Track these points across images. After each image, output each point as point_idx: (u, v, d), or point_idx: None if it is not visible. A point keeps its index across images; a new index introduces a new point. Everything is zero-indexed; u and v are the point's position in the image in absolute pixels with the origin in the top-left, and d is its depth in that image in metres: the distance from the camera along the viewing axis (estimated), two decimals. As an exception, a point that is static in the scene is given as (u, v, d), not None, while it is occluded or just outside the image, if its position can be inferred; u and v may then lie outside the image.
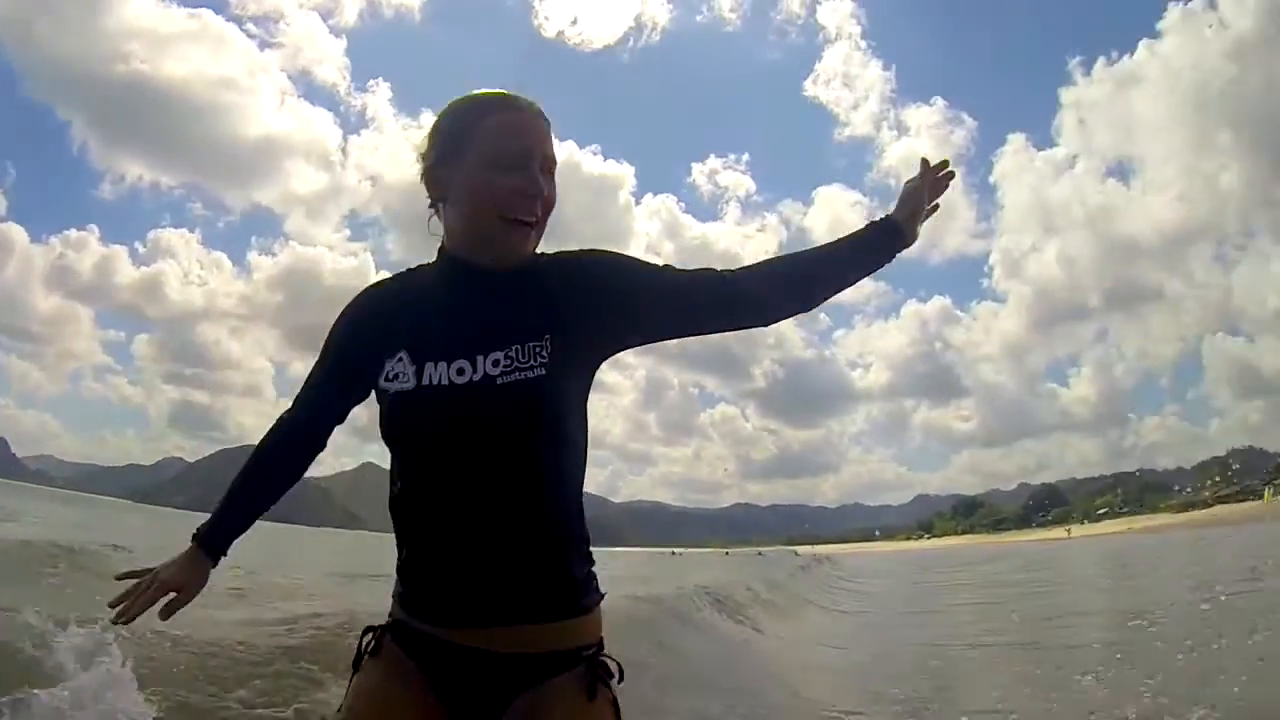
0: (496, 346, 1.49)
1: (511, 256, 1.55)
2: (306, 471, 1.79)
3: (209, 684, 4.36)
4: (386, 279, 1.71)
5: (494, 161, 1.51)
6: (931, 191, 1.79)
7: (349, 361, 1.64)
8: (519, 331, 1.51)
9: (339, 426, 1.77)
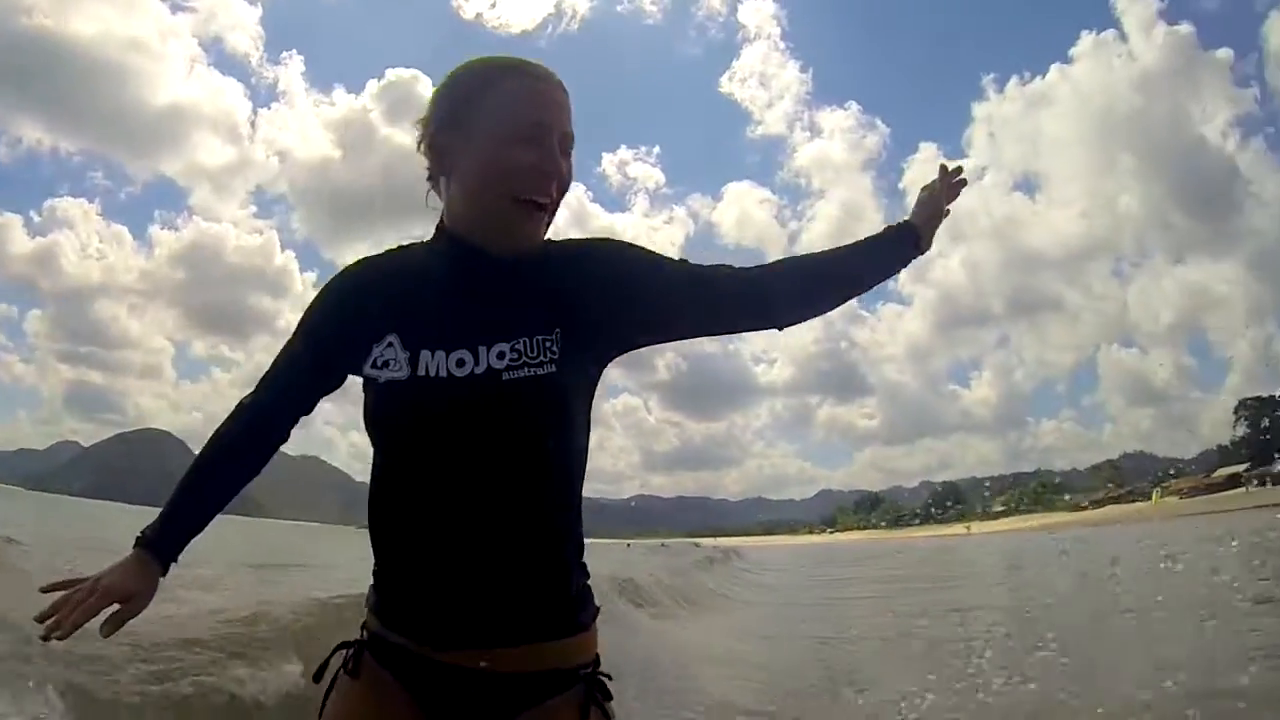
0: (502, 338, 1.37)
1: (521, 243, 1.42)
2: (265, 467, 1.58)
3: (96, 666, 4.07)
4: (374, 256, 1.54)
5: (508, 133, 1.37)
6: (945, 197, 1.75)
7: (327, 344, 1.48)
8: (527, 323, 1.38)
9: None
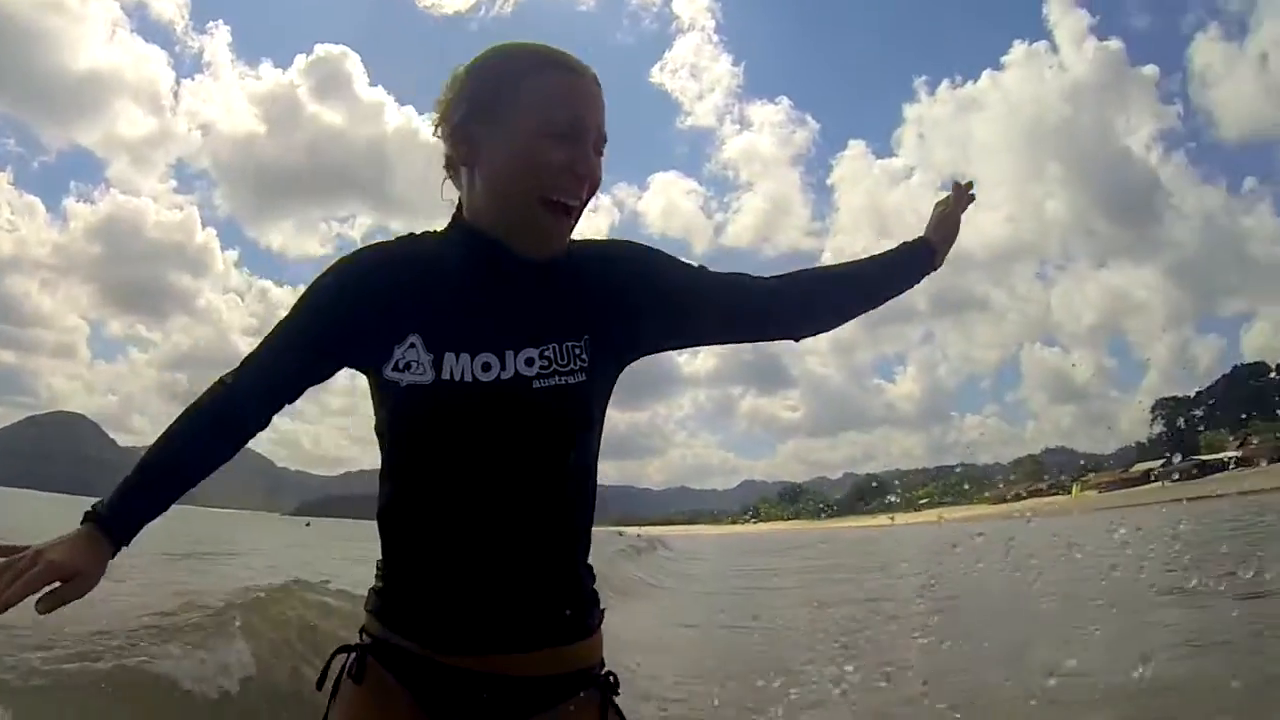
0: (529, 343, 1.35)
1: (546, 246, 1.39)
2: (238, 454, 1.46)
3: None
4: (384, 244, 1.47)
5: (543, 129, 1.33)
6: (959, 213, 1.76)
7: (335, 335, 1.41)
8: (554, 329, 1.37)
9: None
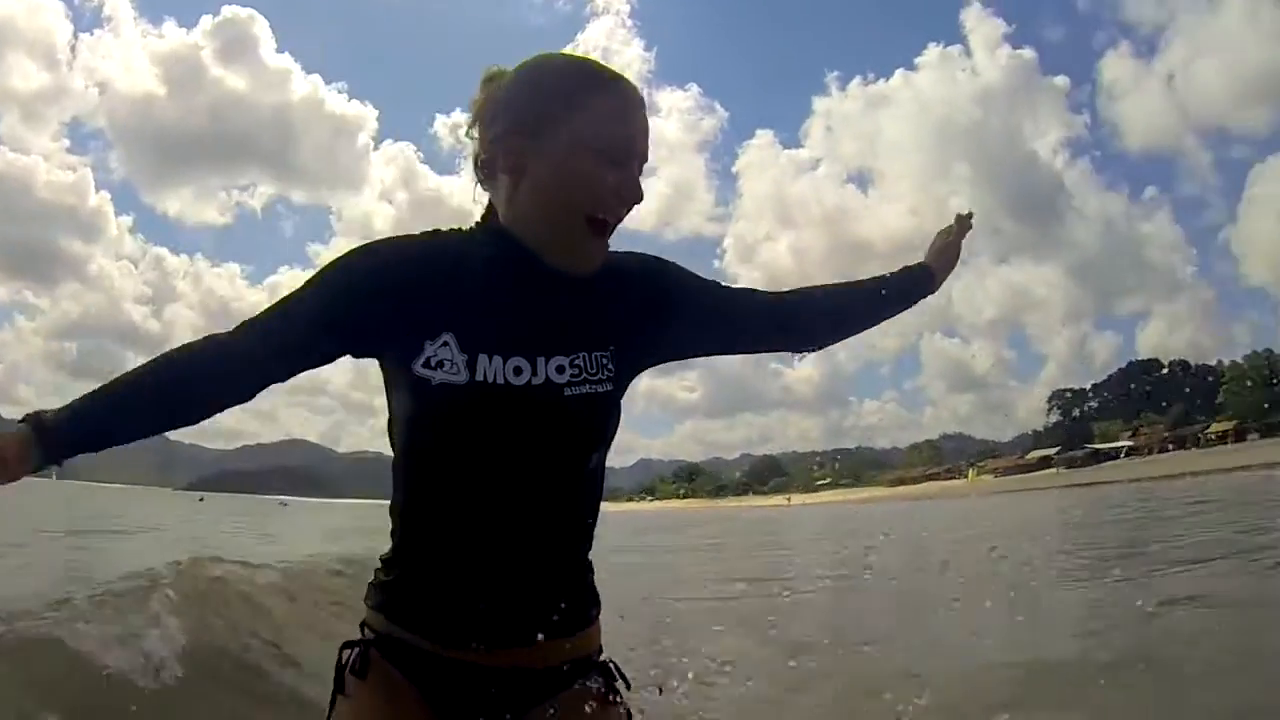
0: (560, 350, 1.41)
1: (584, 261, 1.43)
2: (208, 419, 1.41)
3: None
4: (409, 237, 1.48)
5: (597, 152, 1.37)
6: (959, 241, 1.92)
7: (357, 320, 1.39)
8: (583, 339, 1.43)
9: None
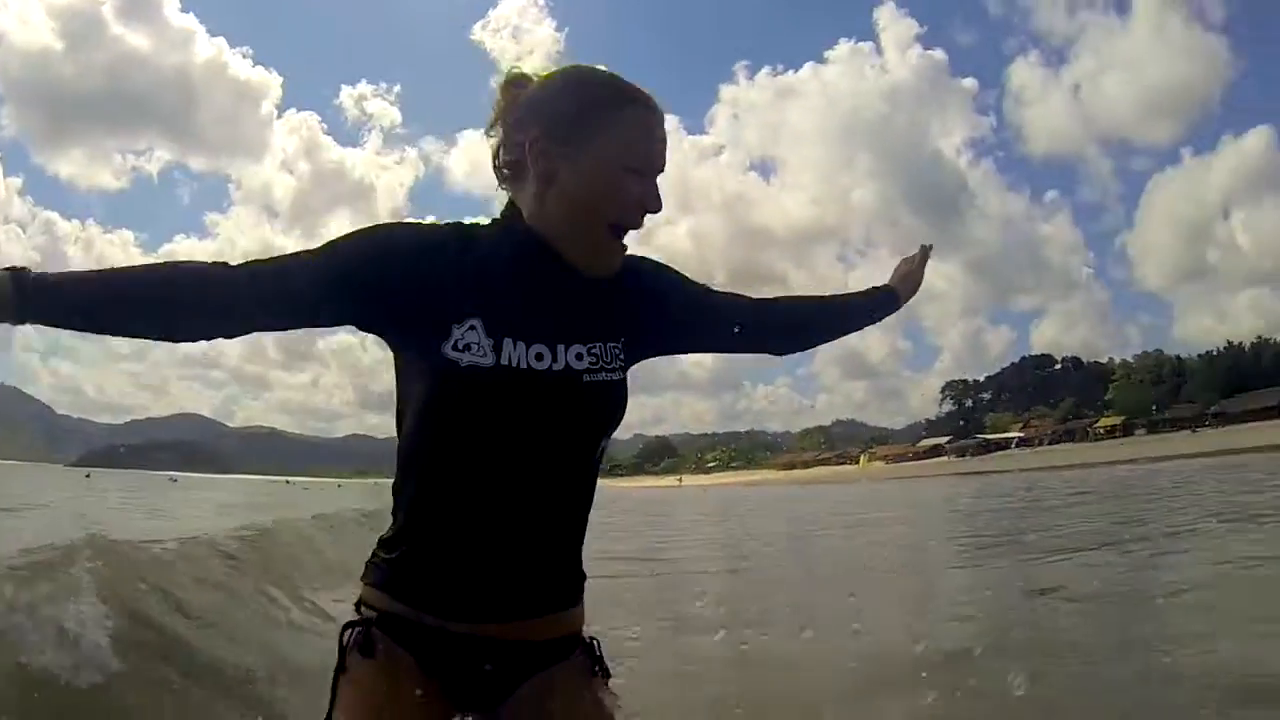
0: (577, 339, 1.49)
1: (606, 267, 1.54)
2: (184, 338, 1.41)
3: None
4: (434, 226, 1.55)
5: (624, 164, 1.47)
6: (920, 269, 2.05)
7: (373, 289, 1.43)
8: (599, 330, 1.53)
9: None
